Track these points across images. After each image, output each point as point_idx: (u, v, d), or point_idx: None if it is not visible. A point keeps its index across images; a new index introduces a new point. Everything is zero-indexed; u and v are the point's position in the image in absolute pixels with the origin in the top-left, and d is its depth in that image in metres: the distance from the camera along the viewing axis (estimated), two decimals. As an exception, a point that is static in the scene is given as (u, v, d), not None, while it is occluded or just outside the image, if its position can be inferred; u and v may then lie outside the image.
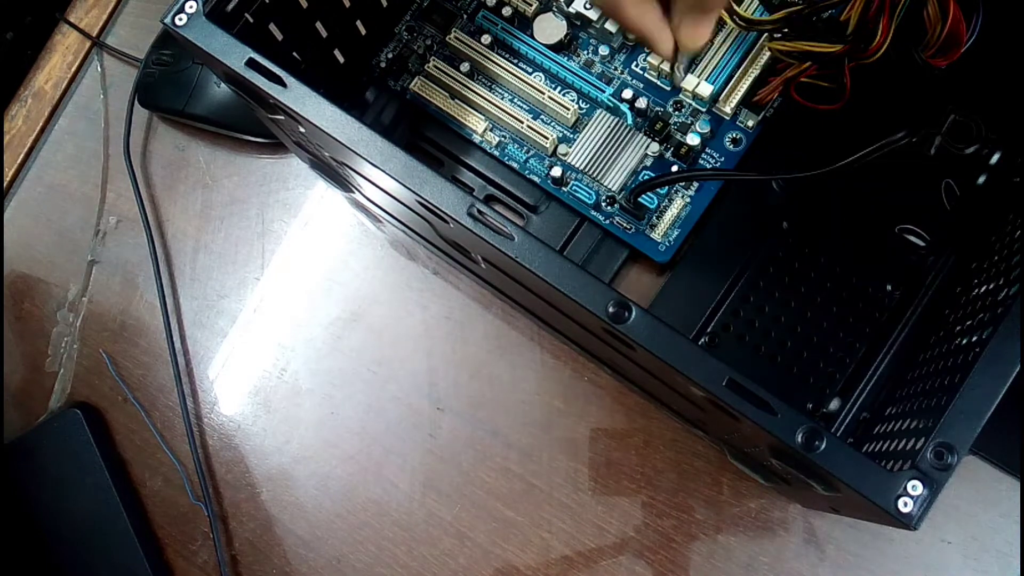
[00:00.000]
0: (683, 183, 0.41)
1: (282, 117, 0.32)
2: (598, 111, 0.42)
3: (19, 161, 0.52)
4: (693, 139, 0.41)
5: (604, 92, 0.42)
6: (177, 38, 0.30)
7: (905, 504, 0.25)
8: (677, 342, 0.26)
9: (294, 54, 0.38)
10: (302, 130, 0.31)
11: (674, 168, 0.41)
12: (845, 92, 0.38)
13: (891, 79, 0.38)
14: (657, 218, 0.41)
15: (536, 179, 0.43)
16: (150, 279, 0.48)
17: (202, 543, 0.45)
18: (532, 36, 0.43)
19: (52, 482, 0.46)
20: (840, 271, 0.41)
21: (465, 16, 0.44)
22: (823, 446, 0.25)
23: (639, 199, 0.41)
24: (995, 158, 0.39)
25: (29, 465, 0.46)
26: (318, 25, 0.39)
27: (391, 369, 0.45)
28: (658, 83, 0.42)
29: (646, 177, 0.42)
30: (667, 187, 0.41)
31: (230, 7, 0.32)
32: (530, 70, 0.43)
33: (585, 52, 0.43)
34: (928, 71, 0.33)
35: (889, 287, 0.40)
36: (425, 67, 0.43)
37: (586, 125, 0.42)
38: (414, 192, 0.28)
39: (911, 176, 0.40)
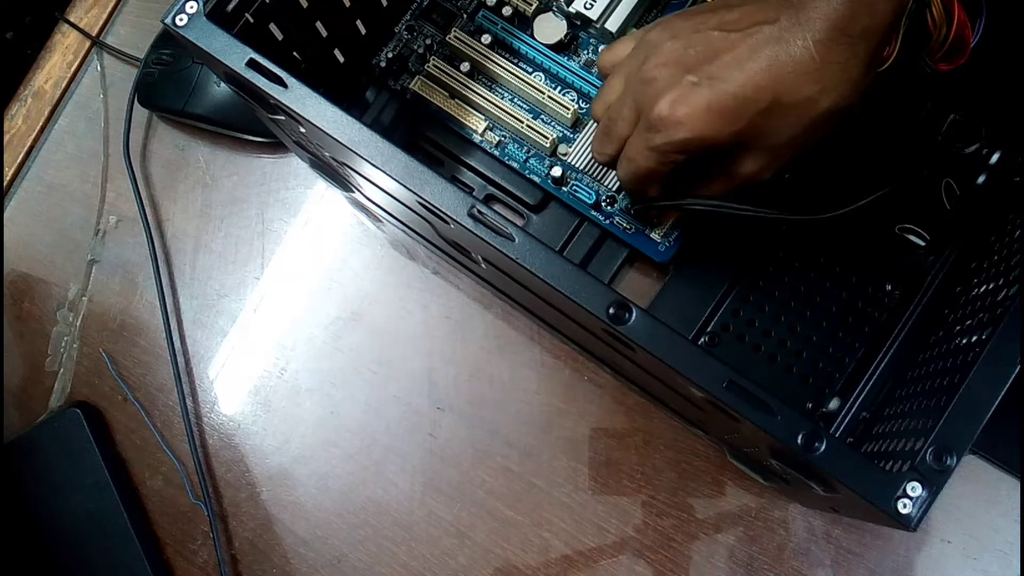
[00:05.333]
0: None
1: (282, 117, 0.32)
2: (598, 111, 0.42)
3: (19, 161, 0.52)
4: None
5: (604, 92, 0.42)
6: (177, 38, 0.30)
7: (904, 505, 0.25)
8: (677, 343, 0.26)
9: (294, 54, 0.38)
10: (302, 130, 0.31)
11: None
12: None
13: (894, 80, 0.38)
14: (657, 219, 0.41)
15: (536, 179, 0.43)
16: (150, 279, 0.48)
17: (202, 542, 0.45)
18: (532, 36, 0.43)
19: (52, 482, 0.46)
20: (840, 271, 0.41)
21: (465, 16, 0.44)
22: (822, 447, 0.25)
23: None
24: (995, 158, 0.39)
25: (29, 465, 0.46)
26: (318, 25, 0.39)
27: (391, 369, 0.45)
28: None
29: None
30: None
31: (230, 7, 0.32)
32: (530, 70, 0.43)
33: (585, 52, 0.43)
34: (932, 74, 0.33)
35: (889, 287, 0.40)
36: (425, 67, 0.43)
37: (586, 125, 0.42)
38: (414, 192, 0.28)
39: (911, 176, 0.40)
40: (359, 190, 0.39)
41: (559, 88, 0.43)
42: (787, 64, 0.30)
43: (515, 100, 0.43)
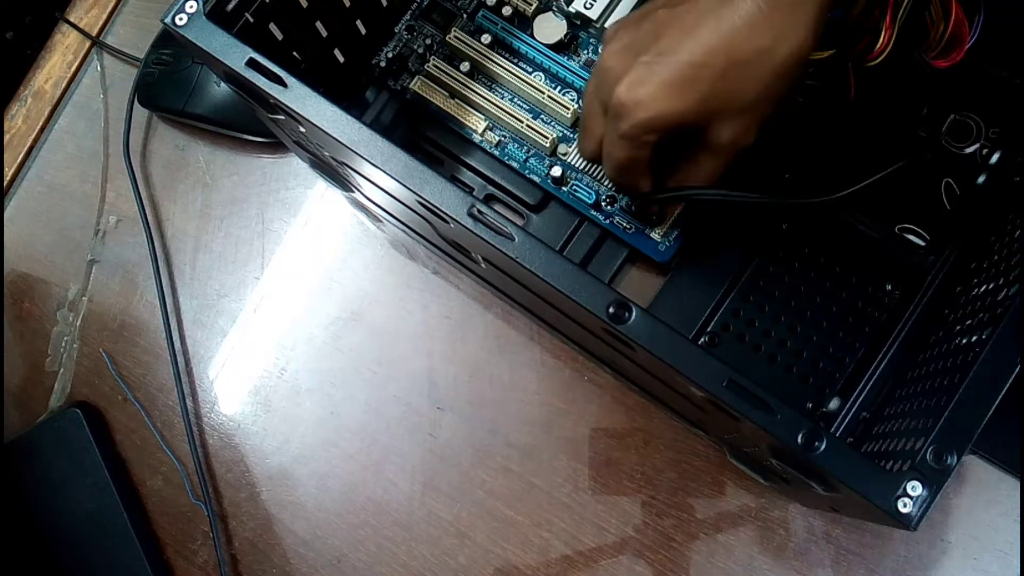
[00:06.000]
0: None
1: (282, 117, 0.32)
2: (598, 111, 0.42)
3: (19, 161, 0.52)
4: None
5: (604, 92, 0.42)
6: (177, 38, 0.30)
7: (904, 505, 0.25)
8: (677, 342, 0.26)
9: (294, 54, 0.38)
10: (302, 130, 0.31)
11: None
12: (849, 93, 0.38)
13: (892, 79, 0.38)
14: (658, 217, 0.41)
15: (536, 179, 0.43)
16: (150, 279, 0.48)
17: (202, 542, 0.45)
18: (532, 35, 0.43)
19: (52, 482, 0.46)
20: (840, 271, 0.41)
21: (465, 15, 0.44)
22: (823, 446, 0.25)
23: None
24: (995, 158, 0.39)
25: (29, 465, 0.46)
26: (318, 25, 0.39)
27: (391, 369, 0.45)
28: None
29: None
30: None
31: (230, 7, 0.32)
32: (530, 69, 0.43)
33: (585, 52, 0.43)
34: (930, 72, 0.33)
35: (889, 287, 0.40)
36: (425, 67, 0.43)
37: (586, 125, 0.42)
38: (414, 192, 0.28)
39: (911, 176, 0.40)
40: (359, 190, 0.39)
41: (559, 88, 0.43)
42: (735, 21, 0.30)
43: (515, 100, 0.43)
